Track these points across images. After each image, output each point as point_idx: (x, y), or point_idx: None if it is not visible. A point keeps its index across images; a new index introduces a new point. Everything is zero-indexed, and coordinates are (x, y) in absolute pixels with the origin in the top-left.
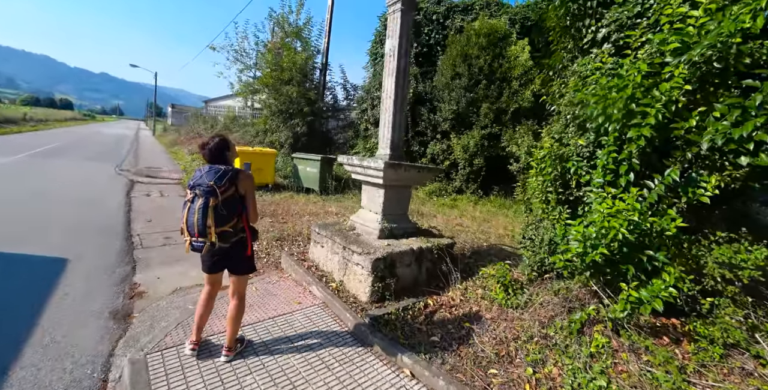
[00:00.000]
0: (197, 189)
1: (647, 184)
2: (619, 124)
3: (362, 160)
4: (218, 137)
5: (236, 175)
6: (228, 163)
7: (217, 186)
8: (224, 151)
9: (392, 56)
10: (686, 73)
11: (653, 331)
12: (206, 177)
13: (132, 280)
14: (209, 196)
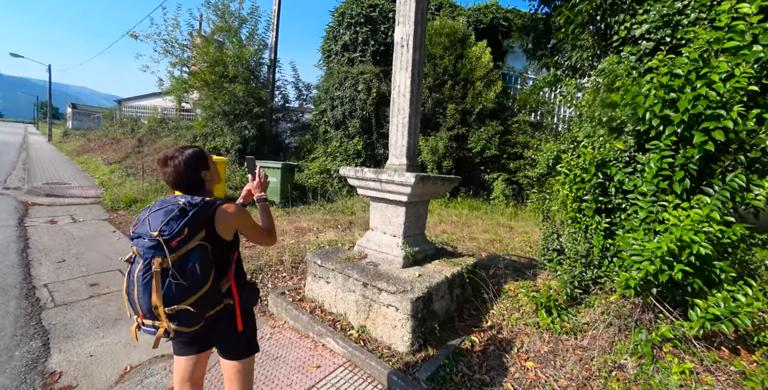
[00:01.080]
0: (137, 243)
1: (706, 191)
2: (681, 126)
3: (379, 173)
4: (190, 149)
5: (209, 211)
6: (203, 189)
7: (166, 236)
8: (198, 169)
9: (406, 46)
10: (751, 72)
11: (708, 342)
12: (151, 220)
13: (46, 367)
14: (152, 255)
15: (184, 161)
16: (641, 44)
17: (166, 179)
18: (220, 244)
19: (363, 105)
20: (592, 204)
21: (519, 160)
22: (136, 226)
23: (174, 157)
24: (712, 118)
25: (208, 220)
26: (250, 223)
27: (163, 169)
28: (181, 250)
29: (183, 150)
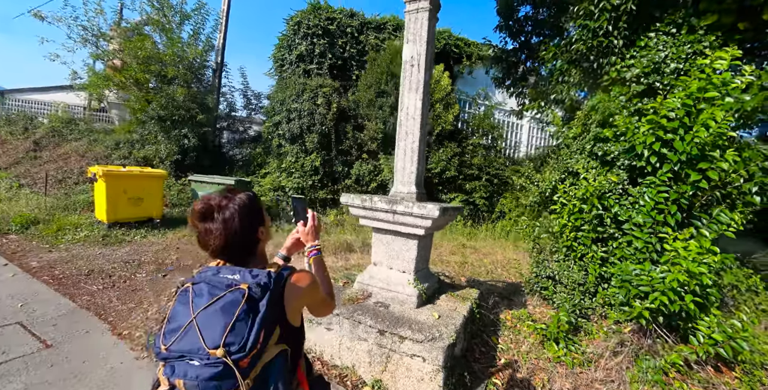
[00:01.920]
0: (179, 369)
1: (695, 224)
2: (678, 165)
3: (393, 203)
4: (241, 194)
5: (281, 292)
6: (255, 253)
7: (238, 354)
8: (255, 225)
9: (416, 66)
10: (731, 120)
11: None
12: (202, 325)
13: None
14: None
15: (240, 214)
16: (632, 86)
17: (207, 241)
18: (291, 335)
19: (323, 119)
20: (590, 234)
21: (475, 181)
22: (169, 336)
23: (224, 206)
24: (706, 159)
25: (282, 305)
26: (321, 295)
27: (203, 225)
28: (257, 367)
29: (232, 196)
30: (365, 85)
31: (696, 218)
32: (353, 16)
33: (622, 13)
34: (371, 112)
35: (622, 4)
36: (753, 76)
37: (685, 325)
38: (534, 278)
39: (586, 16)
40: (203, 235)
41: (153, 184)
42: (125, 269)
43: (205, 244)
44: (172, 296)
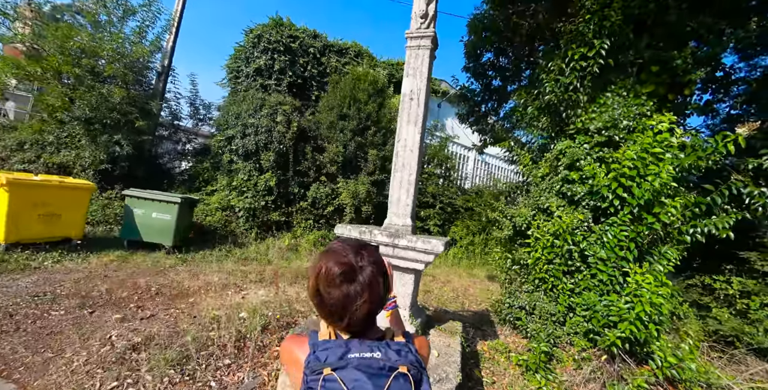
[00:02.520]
0: None
1: (648, 259)
2: (636, 208)
3: (395, 237)
4: (372, 249)
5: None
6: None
7: None
8: (387, 285)
9: (416, 100)
10: (674, 173)
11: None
12: None
13: None
14: None
15: (379, 274)
16: (594, 136)
17: (345, 309)
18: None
19: (281, 138)
20: (561, 267)
21: (429, 209)
22: None
23: (363, 266)
24: (658, 204)
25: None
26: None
27: (343, 289)
28: None
29: (364, 252)
30: (327, 107)
31: (649, 254)
32: (316, 38)
33: (587, 73)
34: (332, 135)
35: (588, 67)
36: (685, 138)
37: (642, 350)
38: (507, 308)
39: (558, 72)
40: (341, 302)
41: (76, 197)
42: (34, 305)
43: (341, 313)
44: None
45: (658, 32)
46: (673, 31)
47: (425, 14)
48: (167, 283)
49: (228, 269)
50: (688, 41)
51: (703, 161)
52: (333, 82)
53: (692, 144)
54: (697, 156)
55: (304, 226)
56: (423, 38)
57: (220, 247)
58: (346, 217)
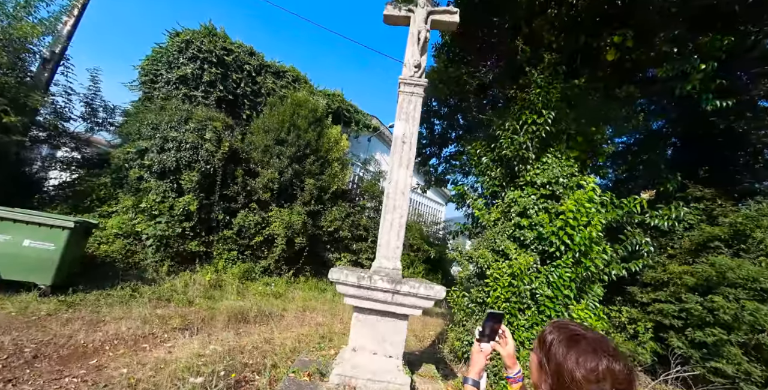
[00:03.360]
0: None
1: (584, 297)
2: (577, 253)
3: (398, 284)
4: (591, 332)
5: None
6: None
7: None
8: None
9: (408, 144)
10: (605, 225)
11: None
12: None
13: None
14: None
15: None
16: (540, 189)
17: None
18: None
19: (209, 157)
20: (517, 304)
21: (362, 243)
22: None
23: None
24: (593, 251)
25: None
26: None
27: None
28: None
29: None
30: (261, 129)
31: (584, 292)
32: (253, 55)
33: (536, 136)
34: (267, 159)
35: (537, 131)
36: (606, 198)
37: None
38: (466, 346)
39: (512, 132)
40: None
41: None
42: None
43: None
44: None
45: (581, 111)
46: (592, 113)
47: (419, 65)
48: (50, 339)
49: (139, 314)
50: (602, 122)
51: (618, 216)
52: (271, 104)
53: (611, 201)
54: (616, 213)
55: (227, 257)
56: (416, 86)
57: (122, 284)
58: (276, 248)
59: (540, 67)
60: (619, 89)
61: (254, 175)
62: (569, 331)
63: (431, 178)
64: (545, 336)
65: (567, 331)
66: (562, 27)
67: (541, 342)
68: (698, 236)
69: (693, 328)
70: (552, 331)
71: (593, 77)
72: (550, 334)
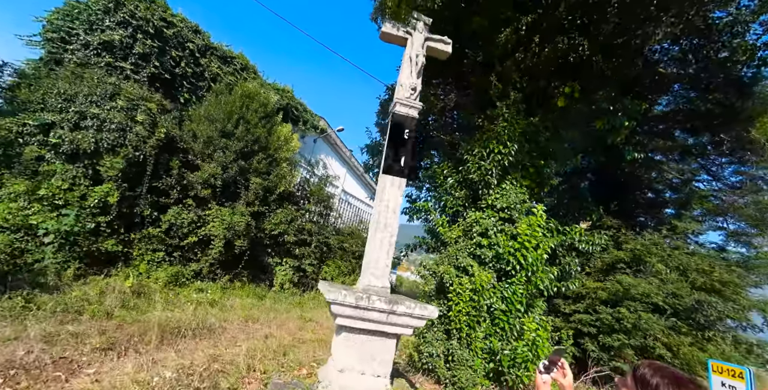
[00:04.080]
0: None
1: (531, 310)
2: (530, 272)
3: (394, 304)
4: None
5: None
6: None
7: None
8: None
9: (396, 186)
10: (550, 248)
11: None
12: None
13: None
14: None
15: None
16: (499, 213)
17: None
18: None
19: (139, 143)
20: (475, 317)
21: (305, 247)
22: None
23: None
24: (541, 271)
25: None
26: None
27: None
28: None
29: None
30: (205, 118)
31: (531, 306)
32: (198, 34)
33: (500, 164)
34: (210, 152)
35: (501, 160)
36: (552, 224)
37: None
38: (426, 357)
39: (479, 157)
40: None
41: None
42: None
43: None
44: None
45: (533, 146)
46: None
47: (415, 88)
48: None
49: (42, 333)
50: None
51: (562, 241)
52: (217, 91)
53: (556, 228)
54: (561, 238)
55: (151, 259)
56: (412, 108)
57: (10, 293)
58: (212, 251)
59: (507, 103)
60: (565, 131)
61: (193, 169)
62: (671, 373)
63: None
64: (646, 378)
65: (669, 374)
66: (526, 70)
67: (643, 382)
68: (609, 258)
69: (603, 334)
70: (654, 374)
71: (545, 118)
72: (653, 377)
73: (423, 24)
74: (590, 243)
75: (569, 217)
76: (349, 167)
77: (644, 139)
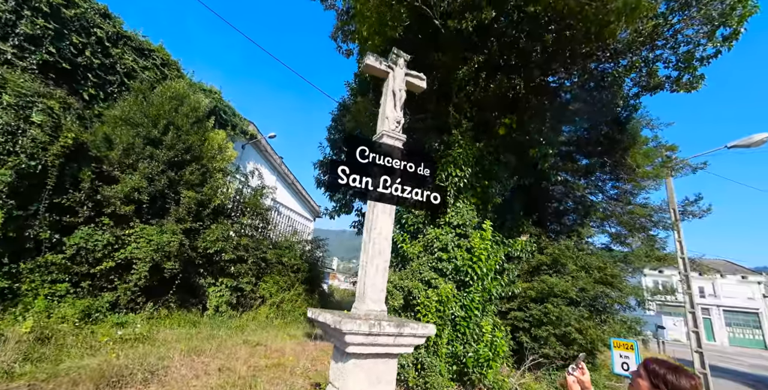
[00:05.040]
0: None
1: (486, 314)
2: (486, 280)
3: (401, 327)
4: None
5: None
6: None
7: None
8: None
9: (387, 213)
10: (502, 259)
11: None
12: None
13: None
14: None
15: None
16: (456, 229)
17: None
18: None
19: (36, 150)
20: (441, 326)
21: (242, 265)
22: None
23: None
24: (491, 279)
25: None
26: None
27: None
28: None
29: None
30: (122, 120)
31: (485, 311)
32: (107, 18)
33: (455, 186)
34: (132, 162)
35: (458, 181)
36: (498, 237)
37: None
38: (399, 369)
39: (439, 180)
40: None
41: None
42: None
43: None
44: None
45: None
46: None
47: (399, 121)
48: None
49: None
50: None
51: (507, 252)
52: (138, 90)
53: (502, 241)
54: (507, 249)
55: (50, 293)
56: (397, 140)
57: None
58: (133, 277)
59: (461, 130)
60: (504, 157)
61: (110, 181)
62: (668, 364)
63: (341, 204)
64: (655, 370)
65: (667, 365)
66: (476, 102)
67: (652, 373)
68: (534, 262)
69: (534, 327)
70: (659, 367)
71: (488, 144)
72: (660, 368)
73: (403, 60)
74: (524, 251)
75: (505, 230)
76: (279, 175)
77: (558, 162)
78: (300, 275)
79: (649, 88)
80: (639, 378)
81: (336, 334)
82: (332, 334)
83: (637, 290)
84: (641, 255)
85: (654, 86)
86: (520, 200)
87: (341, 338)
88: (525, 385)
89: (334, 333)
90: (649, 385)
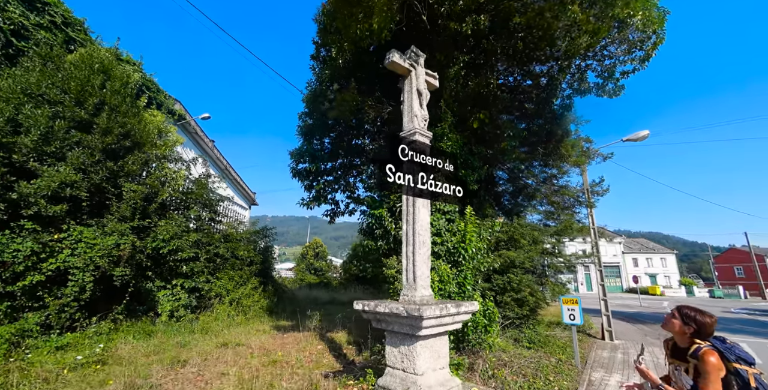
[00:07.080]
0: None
1: (477, 288)
2: (474, 260)
3: (458, 306)
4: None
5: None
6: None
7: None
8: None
9: (425, 205)
10: (488, 239)
11: None
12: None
13: None
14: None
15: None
16: (445, 216)
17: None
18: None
19: None
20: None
21: (195, 262)
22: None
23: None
24: (475, 257)
25: None
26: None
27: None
28: None
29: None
30: (28, 96)
31: (476, 285)
32: None
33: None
34: (56, 150)
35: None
36: (478, 221)
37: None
38: None
39: None
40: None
41: None
42: None
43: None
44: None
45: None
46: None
47: (426, 118)
48: None
49: None
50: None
51: (489, 233)
52: (44, 56)
53: (481, 223)
54: (488, 231)
55: None
56: (425, 137)
57: None
58: (68, 290)
59: (447, 124)
60: (475, 148)
61: (27, 175)
62: (694, 309)
63: (316, 194)
64: (687, 313)
65: (694, 309)
66: (457, 98)
67: (685, 315)
68: (495, 238)
69: (499, 294)
70: (690, 311)
71: (463, 135)
72: (690, 312)
73: (423, 59)
74: (495, 231)
75: (479, 213)
76: (211, 160)
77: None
78: (254, 268)
79: (580, 91)
80: (673, 319)
81: (409, 321)
82: (399, 322)
83: (571, 257)
84: (567, 228)
85: (584, 90)
86: (482, 187)
87: (417, 324)
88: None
89: (404, 320)
90: (681, 323)
